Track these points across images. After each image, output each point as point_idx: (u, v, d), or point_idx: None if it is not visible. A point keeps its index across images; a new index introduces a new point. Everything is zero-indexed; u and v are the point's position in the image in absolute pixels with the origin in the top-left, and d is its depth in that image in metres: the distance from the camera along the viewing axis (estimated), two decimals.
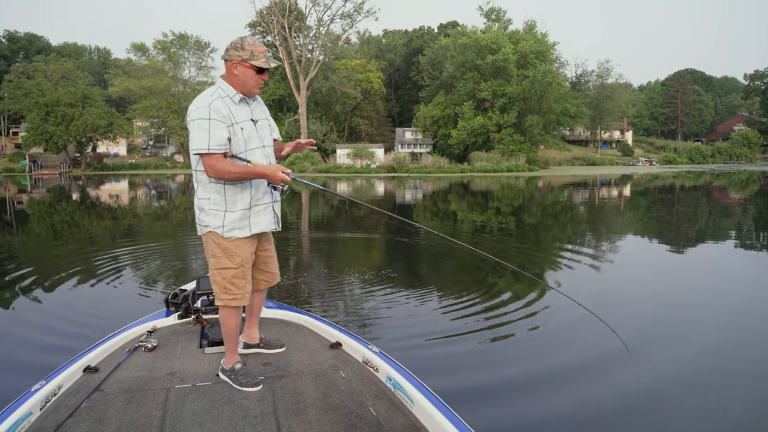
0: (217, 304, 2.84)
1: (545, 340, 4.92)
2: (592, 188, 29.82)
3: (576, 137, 79.71)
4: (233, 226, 2.71)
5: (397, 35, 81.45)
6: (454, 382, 3.82)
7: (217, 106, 2.59)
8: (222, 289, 2.77)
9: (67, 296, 6.36)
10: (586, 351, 4.65)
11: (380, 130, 68.34)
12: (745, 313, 5.85)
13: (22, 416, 2.27)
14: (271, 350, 3.16)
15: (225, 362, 2.85)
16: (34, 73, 61.99)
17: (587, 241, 11.25)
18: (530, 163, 51.64)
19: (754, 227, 13.35)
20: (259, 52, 2.63)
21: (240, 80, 2.66)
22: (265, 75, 2.71)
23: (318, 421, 2.37)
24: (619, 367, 4.27)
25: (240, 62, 2.62)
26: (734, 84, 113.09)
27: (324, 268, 8.17)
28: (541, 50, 53.60)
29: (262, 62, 2.64)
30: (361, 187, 31.32)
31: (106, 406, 2.48)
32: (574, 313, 5.36)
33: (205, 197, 2.71)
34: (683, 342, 4.89)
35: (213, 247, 2.74)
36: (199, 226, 2.80)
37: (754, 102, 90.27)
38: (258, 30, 61.53)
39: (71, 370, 2.76)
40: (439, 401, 2.37)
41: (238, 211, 2.71)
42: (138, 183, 37.10)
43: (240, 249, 2.74)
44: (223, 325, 2.86)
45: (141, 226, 13.94)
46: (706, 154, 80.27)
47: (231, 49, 2.64)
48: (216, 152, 2.57)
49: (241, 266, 2.75)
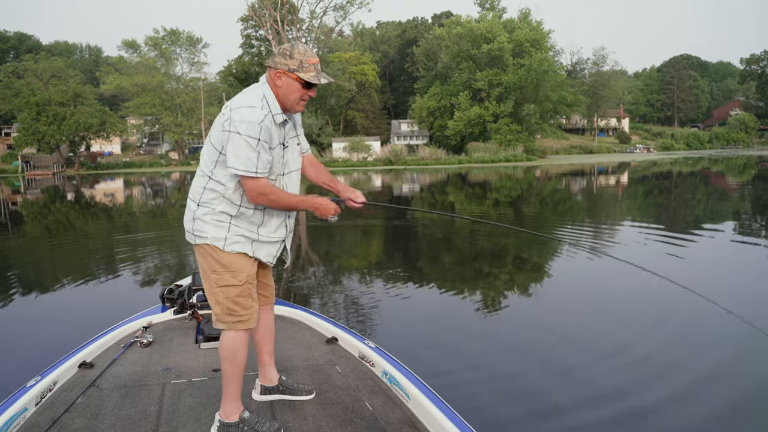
0: (218, 326, 2.34)
1: (545, 334, 4.80)
2: (611, 177, 29.56)
3: (573, 125, 79.45)
4: (236, 240, 2.30)
5: (391, 26, 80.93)
6: (450, 376, 3.79)
7: (268, 125, 2.25)
8: (225, 310, 2.29)
9: (62, 292, 6.39)
10: (590, 344, 4.53)
11: (376, 123, 67.93)
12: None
13: (18, 412, 2.26)
14: (297, 397, 2.58)
15: (225, 414, 2.28)
16: (24, 72, 61.36)
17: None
18: (528, 153, 51.33)
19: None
20: (309, 63, 2.26)
21: (282, 92, 2.28)
22: (313, 91, 2.32)
23: (314, 415, 2.36)
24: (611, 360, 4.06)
25: (285, 72, 2.25)
26: (730, 69, 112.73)
27: (320, 262, 8.12)
28: (536, 38, 53.20)
29: (312, 76, 2.26)
30: (359, 181, 30.99)
31: (101, 402, 2.46)
32: (574, 303, 5.66)
33: (210, 207, 2.30)
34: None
35: (211, 262, 2.31)
36: (192, 235, 2.34)
37: (750, 86, 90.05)
38: (250, 24, 61.00)
39: (66, 366, 2.75)
40: (434, 396, 2.35)
41: (244, 228, 2.33)
42: (133, 181, 36.77)
43: (243, 263, 2.33)
44: (227, 359, 2.29)
45: (136, 223, 13.82)
46: (704, 140, 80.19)
47: (278, 55, 2.28)
48: (263, 176, 2.24)
49: (245, 282, 2.32)
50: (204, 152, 2.35)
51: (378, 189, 24.95)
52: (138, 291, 6.33)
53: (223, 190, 2.29)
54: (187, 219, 2.37)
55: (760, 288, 6.03)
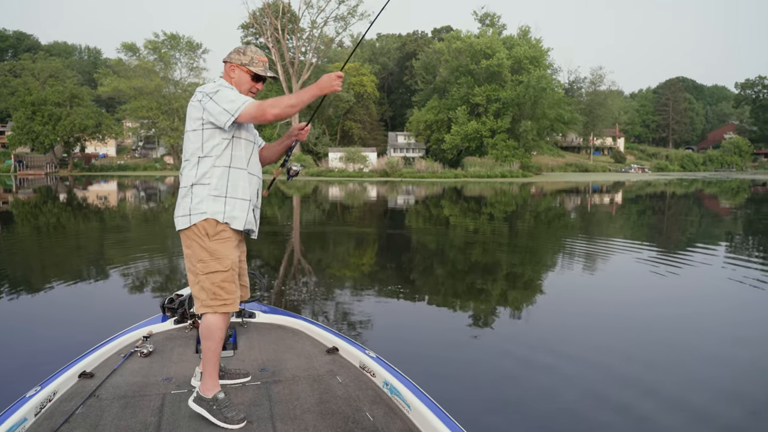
0: (202, 311, 2.52)
1: (546, 346, 4.70)
2: (612, 195, 29.60)
3: (569, 143, 79.92)
4: (234, 214, 2.53)
5: (391, 39, 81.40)
6: (451, 387, 3.75)
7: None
8: (211, 295, 2.49)
9: (61, 301, 6.26)
10: (594, 355, 4.45)
11: (373, 134, 68.04)
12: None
13: (17, 422, 2.25)
14: (233, 381, 2.80)
15: (203, 389, 2.47)
16: (21, 71, 61.11)
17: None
18: (524, 169, 51.44)
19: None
20: (259, 60, 2.68)
21: (235, 83, 2.66)
22: (260, 85, 2.72)
23: (314, 426, 2.34)
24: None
25: (238, 65, 2.65)
26: (725, 92, 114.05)
27: (320, 271, 7.99)
28: (535, 56, 53.56)
29: (260, 69, 2.67)
30: (355, 191, 30.88)
31: (101, 412, 2.45)
32: (575, 317, 5.61)
33: (205, 182, 2.50)
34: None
35: (199, 251, 2.50)
36: (187, 217, 2.50)
37: (744, 110, 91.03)
38: (251, 32, 61.14)
39: (66, 376, 2.73)
40: (436, 407, 2.34)
41: (239, 199, 2.56)
42: (127, 184, 36.47)
43: (228, 251, 2.53)
44: (208, 338, 2.51)
45: (135, 229, 13.60)
46: (698, 162, 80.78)
47: (233, 52, 2.68)
48: (251, 100, 2.51)
49: (230, 269, 2.53)
50: (186, 144, 2.57)
51: (373, 200, 24.85)
52: (138, 300, 6.24)
53: (214, 160, 2.51)
54: (180, 206, 2.54)
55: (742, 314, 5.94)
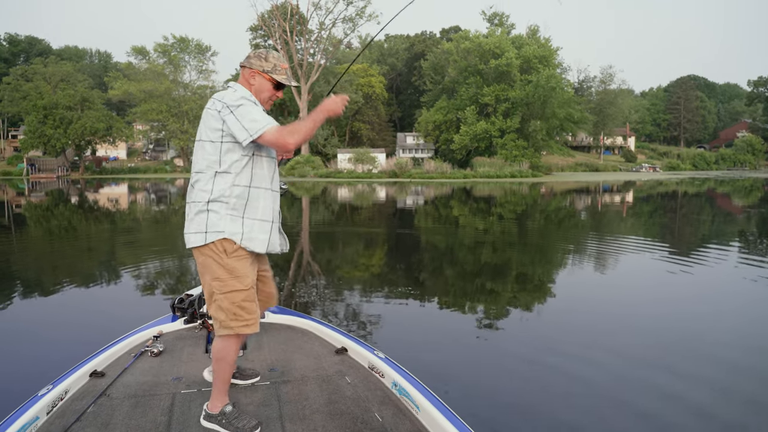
0: (221, 333, 2.41)
1: (557, 348, 4.60)
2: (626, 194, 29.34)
3: (579, 143, 79.41)
4: (252, 236, 2.38)
5: (399, 40, 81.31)
6: (460, 388, 3.73)
7: (253, 101, 2.47)
8: (231, 315, 2.37)
9: (72, 301, 6.30)
10: (606, 357, 4.36)
11: (382, 135, 68.02)
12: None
13: (29, 420, 2.28)
14: (242, 381, 2.82)
15: (211, 406, 2.43)
16: (33, 75, 61.72)
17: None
18: (533, 169, 51.13)
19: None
20: (282, 68, 2.53)
21: (255, 90, 2.50)
22: (281, 93, 2.59)
23: (323, 426, 2.35)
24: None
25: (260, 72, 2.48)
26: (737, 90, 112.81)
27: (329, 272, 7.96)
28: (544, 55, 53.25)
29: (283, 78, 2.52)
30: (364, 192, 30.84)
31: (112, 411, 2.47)
32: (586, 316, 5.58)
33: (223, 200, 2.34)
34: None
35: (216, 269, 2.36)
36: (203, 234, 2.34)
37: (757, 108, 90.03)
38: (259, 34, 61.34)
39: (78, 375, 2.76)
40: (445, 407, 2.34)
41: (257, 220, 2.41)
42: (137, 187, 36.70)
43: (247, 269, 2.40)
44: (221, 360, 2.43)
45: (145, 231, 13.66)
46: (710, 161, 79.92)
47: (253, 57, 2.50)
48: (275, 123, 2.38)
49: (251, 287, 2.42)
50: (200, 154, 2.39)
51: (382, 200, 24.80)
52: (148, 300, 6.27)
53: (233, 178, 2.36)
54: (193, 221, 2.38)
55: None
